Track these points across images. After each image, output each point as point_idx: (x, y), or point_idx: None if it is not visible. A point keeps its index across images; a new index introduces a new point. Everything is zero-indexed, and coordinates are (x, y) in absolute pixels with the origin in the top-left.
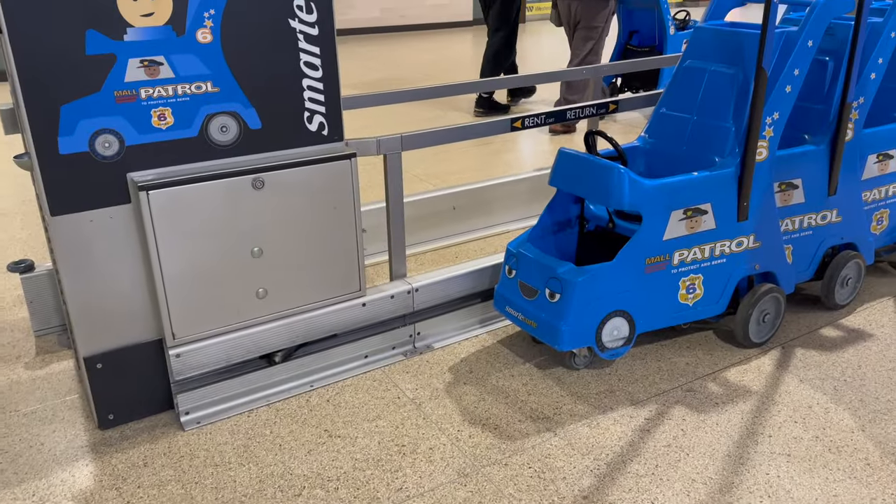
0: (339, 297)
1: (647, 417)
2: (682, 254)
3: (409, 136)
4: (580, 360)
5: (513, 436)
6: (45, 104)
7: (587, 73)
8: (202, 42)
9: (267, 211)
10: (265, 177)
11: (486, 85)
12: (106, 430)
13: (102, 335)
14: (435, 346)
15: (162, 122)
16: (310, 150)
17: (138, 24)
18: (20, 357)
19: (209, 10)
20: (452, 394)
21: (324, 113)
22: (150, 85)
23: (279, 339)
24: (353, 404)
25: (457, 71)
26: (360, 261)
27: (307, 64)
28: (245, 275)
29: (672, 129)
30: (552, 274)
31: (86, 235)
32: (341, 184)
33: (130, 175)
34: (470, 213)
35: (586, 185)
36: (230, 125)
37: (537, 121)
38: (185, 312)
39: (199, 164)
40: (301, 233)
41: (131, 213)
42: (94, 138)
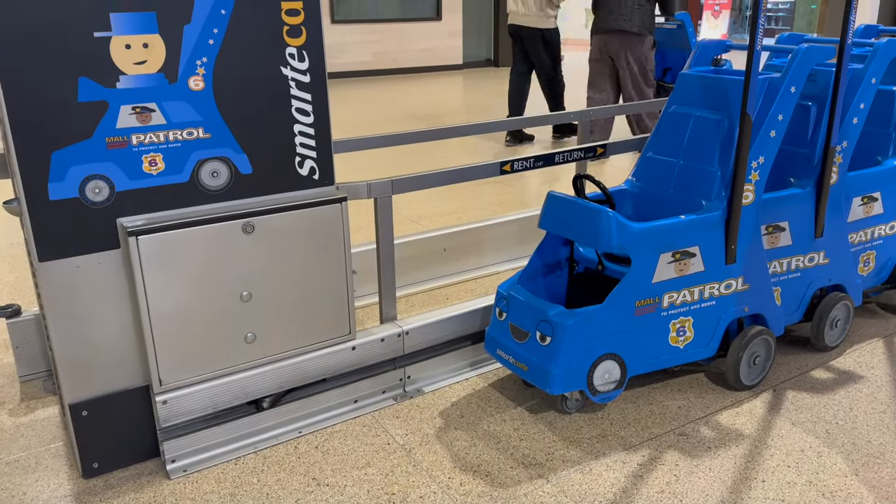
0: (329, 340)
1: (640, 463)
2: (672, 296)
3: (400, 180)
4: (572, 403)
5: (505, 483)
6: (35, 150)
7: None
8: (194, 89)
9: (257, 255)
10: (255, 221)
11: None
12: (90, 478)
13: (88, 381)
14: (425, 390)
15: (153, 167)
16: (301, 194)
17: (131, 72)
18: (4, 403)
19: (202, 59)
20: (443, 439)
21: (315, 157)
22: (142, 131)
23: (267, 385)
24: (342, 451)
25: (448, 113)
26: (350, 304)
27: (299, 110)
28: (234, 319)
29: (659, 172)
30: (543, 317)
31: (73, 281)
32: (332, 227)
33: (120, 220)
34: (460, 254)
35: (575, 227)
36: (221, 170)
37: (526, 164)
38: (173, 358)
39: (190, 208)
40: (291, 276)
41: (120, 258)
42: (84, 184)
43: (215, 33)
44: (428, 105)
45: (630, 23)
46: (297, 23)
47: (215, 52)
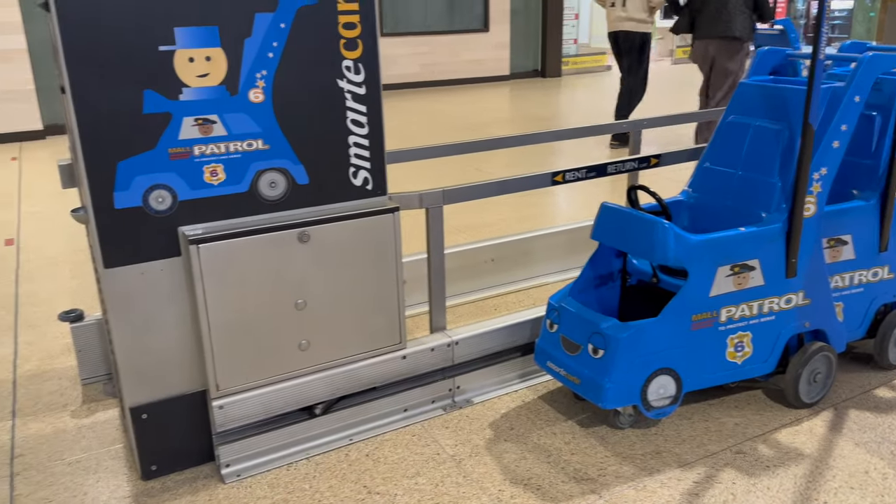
0: (380, 349)
1: (696, 480)
2: (730, 310)
3: (451, 191)
4: (625, 418)
5: (556, 497)
6: (102, 160)
7: (629, 126)
8: (254, 101)
9: (312, 264)
10: (311, 231)
11: (519, 140)
12: (148, 481)
13: (148, 386)
14: (475, 401)
15: (214, 177)
16: (354, 204)
17: (194, 85)
18: (66, 405)
19: (261, 71)
20: (493, 451)
21: (368, 168)
22: (204, 142)
23: (320, 392)
24: (393, 460)
25: (496, 123)
26: (400, 313)
27: (354, 122)
28: (288, 327)
29: (716, 183)
30: (595, 329)
31: (136, 287)
32: (384, 237)
33: (181, 229)
34: (508, 265)
35: (630, 239)
36: (279, 181)
37: (578, 175)
38: (229, 364)
39: (248, 218)
40: (344, 285)
41: (181, 265)
42: (148, 193)
43: (275, 46)
44: (475, 116)
45: (731, 28)
46: (354, 36)
47: (275, 65)
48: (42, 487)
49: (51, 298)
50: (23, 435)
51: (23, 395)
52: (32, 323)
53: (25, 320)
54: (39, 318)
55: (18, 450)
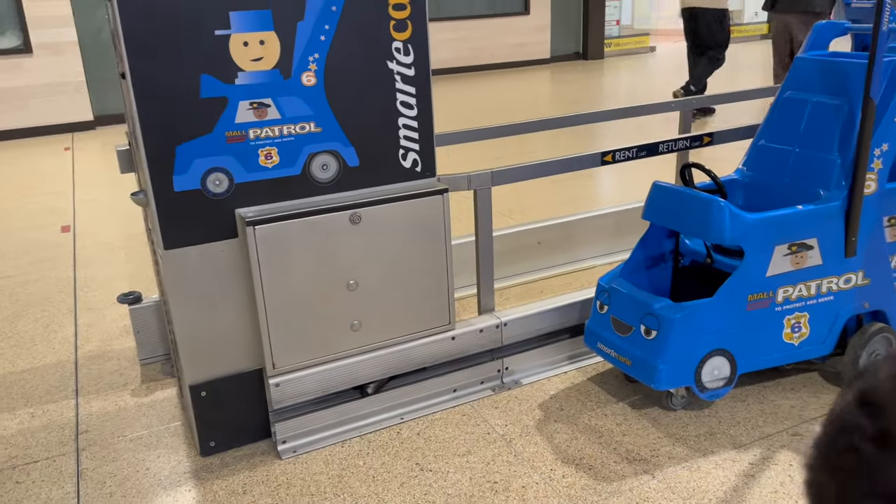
0: (430, 330)
1: (752, 462)
2: (787, 290)
3: (500, 172)
4: (678, 400)
5: (609, 477)
6: (161, 144)
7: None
8: (307, 85)
9: (363, 245)
10: (362, 212)
11: (575, 120)
12: (207, 456)
13: (207, 364)
14: (523, 382)
15: (268, 160)
16: (404, 185)
17: (248, 69)
18: (126, 384)
19: (314, 55)
20: (543, 431)
21: (417, 150)
22: (259, 126)
23: (372, 371)
24: (443, 439)
25: (538, 107)
26: (450, 294)
27: (403, 104)
28: (341, 307)
29: (773, 161)
30: (648, 310)
31: (195, 268)
32: (434, 218)
33: (238, 211)
34: (554, 247)
35: (683, 219)
36: (330, 163)
37: (628, 154)
38: (285, 343)
39: (301, 200)
40: (395, 266)
41: (238, 247)
42: (206, 176)
43: (326, 29)
44: (517, 100)
45: (811, 2)
46: (404, 17)
47: (326, 48)
48: (106, 462)
49: (108, 282)
50: (86, 412)
51: (84, 375)
52: (91, 306)
53: (84, 304)
54: (97, 301)
55: (83, 426)
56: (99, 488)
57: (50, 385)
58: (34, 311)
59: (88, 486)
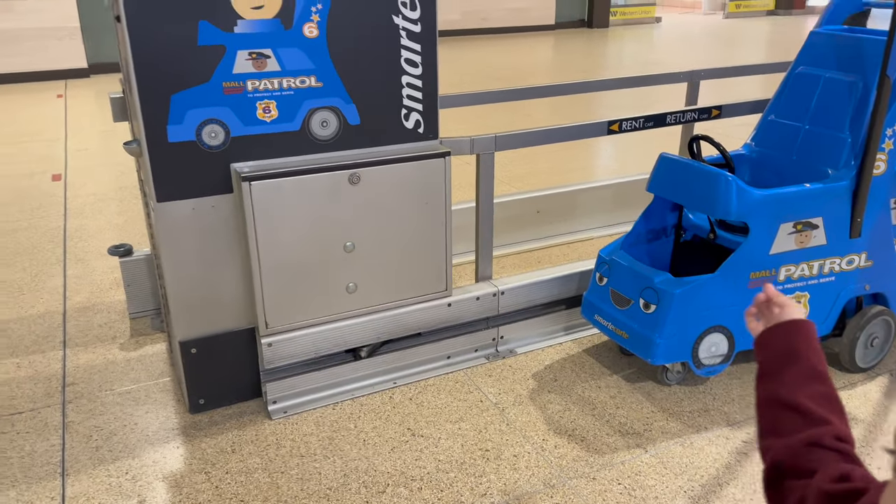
0: (426, 295)
1: (745, 440)
2: (790, 269)
3: (504, 137)
4: (673, 375)
5: (601, 449)
6: (156, 93)
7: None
8: (308, 36)
9: (361, 206)
10: (361, 172)
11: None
12: (196, 414)
13: (198, 321)
14: (518, 351)
15: (266, 114)
16: (405, 147)
17: (248, 17)
18: (115, 338)
19: (317, 5)
20: (536, 401)
21: (420, 111)
22: (257, 77)
23: (366, 335)
24: (436, 405)
25: (541, 74)
26: (448, 260)
27: (408, 61)
28: (337, 269)
29: (781, 137)
30: (648, 284)
31: (188, 223)
32: (435, 182)
33: (234, 165)
34: (553, 217)
35: (689, 192)
36: (331, 120)
37: (635, 125)
38: (279, 303)
39: (299, 157)
40: (393, 229)
41: (232, 202)
42: (201, 128)
43: None
44: (519, 66)
45: None
46: None
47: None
48: (93, 416)
49: (98, 233)
50: (73, 364)
51: (72, 327)
52: (80, 257)
53: (74, 254)
54: (88, 252)
55: (70, 378)
56: (85, 442)
57: (37, 336)
58: (22, 260)
59: (74, 440)
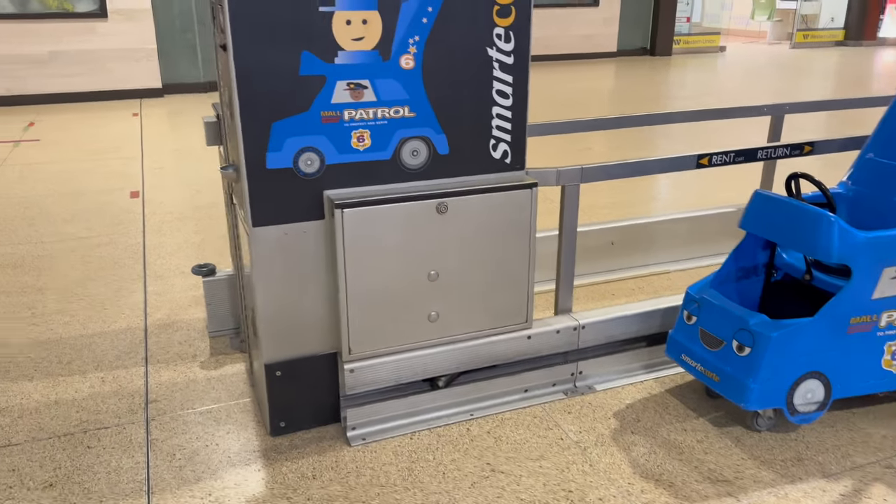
0: (506, 326)
1: (843, 493)
2: (891, 315)
3: (590, 169)
4: (764, 421)
5: (691, 497)
6: (258, 120)
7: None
8: (404, 68)
9: (447, 235)
10: (449, 202)
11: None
12: (276, 437)
13: (284, 344)
14: (597, 388)
15: (360, 143)
16: (492, 177)
17: (349, 48)
18: (196, 356)
19: (414, 37)
20: (620, 442)
21: (509, 141)
22: (354, 107)
23: (445, 364)
24: (515, 440)
25: (605, 101)
26: (530, 292)
27: (499, 92)
28: (420, 297)
29: (880, 177)
30: (743, 325)
31: (280, 248)
32: (521, 213)
33: (327, 192)
34: (628, 249)
35: (787, 231)
36: (421, 150)
37: (725, 159)
38: (363, 329)
39: (389, 185)
40: (476, 259)
41: (323, 228)
42: (298, 155)
43: (429, 12)
44: (583, 92)
45: None
46: (508, 2)
47: (427, 31)
48: (176, 434)
49: (176, 251)
50: (155, 381)
51: (153, 344)
52: (160, 274)
53: (153, 271)
54: (166, 269)
55: (152, 395)
56: (168, 460)
57: (120, 351)
58: (105, 275)
59: (158, 458)
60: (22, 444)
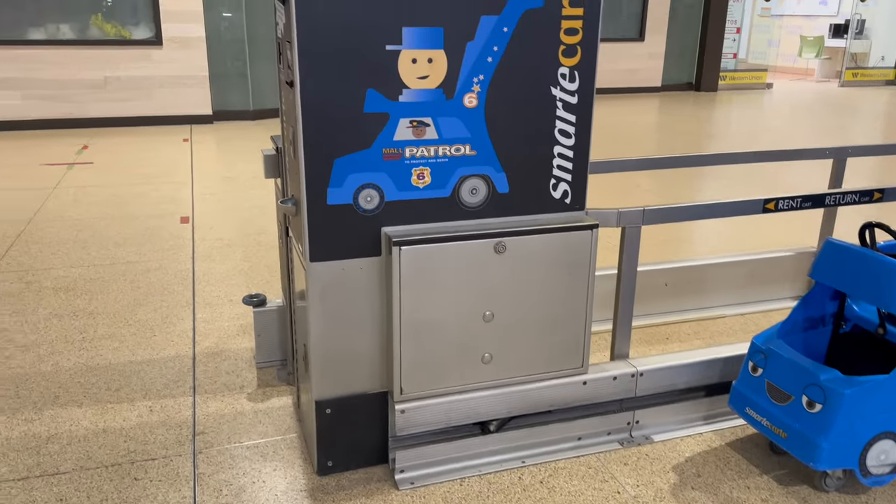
0: (561, 371)
1: None
2: None
3: (652, 210)
4: (833, 481)
5: None
6: (321, 156)
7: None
8: (468, 106)
9: (504, 275)
10: (508, 242)
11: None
12: (323, 476)
13: (336, 382)
14: (654, 439)
15: (420, 180)
16: (551, 217)
17: (413, 86)
18: (243, 387)
19: (479, 76)
20: (680, 498)
21: (569, 181)
22: (415, 145)
23: (497, 408)
24: (569, 491)
25: (648, 137)
26: (586, 336)
27: (561, 132)
28: (474, 337)
29: None
30: (814, 380)
31: (337, 284)
32: (580, 255)
33: (385, 229)
34: (682, 291)
35: (861, 282)
36: (480, 188)
37: (792, 204)
38: (415, 369)
39: (447, 223)
40: (533, 300)
41: (379, 265)
42: (358, 192)
43: (495, 51)
44: (630, 127)
45: None
46: (574, 42)
47: (492, 70)
48: (223, 469)
49: (225, 278)
50: (203, 412)
51: (201, 373)
52: (209, 301)
53: (202, 298)
54: (215, 296)
55: (200, 426)
56: (215, 496)
57: (168, 379)
58: (154, 301)
59: (205, 493)
60: (70, 472)
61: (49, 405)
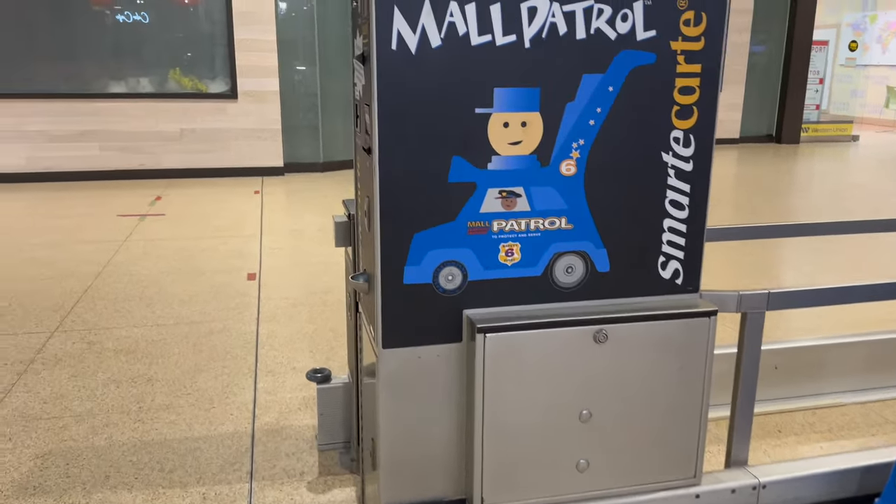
0: (669, 481)
1: None
2: None
3: (779, 294)
4: None
5: None
6: (400, 231)
7: None
8: (565, 174)
9: (604, 368)
10: (609, 329)
11: None
12: None
13: (407, 485)
14: None
15: (509, 257)
16: (660, 300)
17: (504, 153)
18: (304, 473)
19: (578, 141)
20: None
21: (681, 259)
22: (504, 217)
23: None
24: None
25: (726, 192)
26: (700, 441)
27: (673, 203)
28: (569, 440)
29: None
30: None
31: (412, 373)
32: (696, 345)
33: (467, 312)
34: (795, 375)
35: None
36: (577, 266)
37: None
38: (499, 474)
39: (538, 306)
40: (638, 398)
41: (459, 353)
42: (438, 270)
43: (598, 113)
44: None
45: None
46: (690, 102)
47: (594, 134)
48: None
49: (289, 342)
50: (260, 503)
51: (260, 454)
52: (271, 368)
53: (265, 364)
54: (278, 363)
55: None
56: None
57: (224, 461)
58: (216, 367)
59: None
60: None
61: (99, 487)
